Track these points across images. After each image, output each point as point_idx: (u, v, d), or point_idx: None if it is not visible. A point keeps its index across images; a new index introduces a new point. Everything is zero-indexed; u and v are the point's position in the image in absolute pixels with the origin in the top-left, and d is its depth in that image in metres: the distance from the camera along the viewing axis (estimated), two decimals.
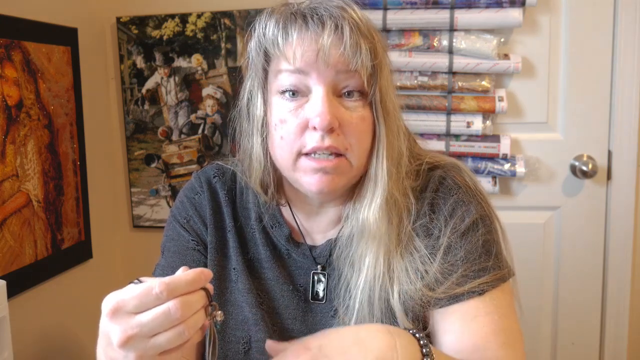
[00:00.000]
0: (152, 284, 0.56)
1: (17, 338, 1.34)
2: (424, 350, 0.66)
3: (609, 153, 1.70)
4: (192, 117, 1.84)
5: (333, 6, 0.75)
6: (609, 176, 1.71)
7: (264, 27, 0.78)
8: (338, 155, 0.76)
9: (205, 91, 1.82)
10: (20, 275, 1.43)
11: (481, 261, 0.80)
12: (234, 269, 0.87)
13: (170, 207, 1.88)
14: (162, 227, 1.91)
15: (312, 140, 0.75)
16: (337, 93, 0.76)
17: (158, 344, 0.56)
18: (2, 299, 1.18)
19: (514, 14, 1.60)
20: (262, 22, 0.79)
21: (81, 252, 1.69)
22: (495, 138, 1.68)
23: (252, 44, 0.80)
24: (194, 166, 1.85)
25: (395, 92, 0.82)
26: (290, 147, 0.76)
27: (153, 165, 1.88)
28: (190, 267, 0.89)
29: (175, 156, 1.86)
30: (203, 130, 1.83)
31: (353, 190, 0.83)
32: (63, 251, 1.60)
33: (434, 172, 0.85)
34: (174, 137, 1.86)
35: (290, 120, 0.76)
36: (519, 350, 0.78)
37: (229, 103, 1.81)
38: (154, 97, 1.85)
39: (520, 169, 1.67)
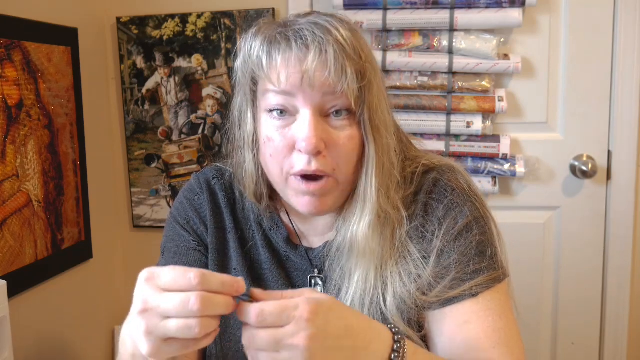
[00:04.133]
0: (191, 269, 0.57)
1: (17, 338, 1.34)
2: (395, 346, 0.67)
3: (609, 153, 1.70)
4: (192, 117, 1.84)
5: (318, 28, 0.74)
6: (608, 176, 1.71)
7: (249, 47, 0.77)
8: (326, 176, 0.76)
9: (206, 91, 1.82)
10: (21, 275, 1.43)
11: (474, 263, 0.80)
12: (235, 269, 0.88)
13: (170, 207, 1.88)
14: (162, 227, 1.90)
15: (300, 162, 0.75)
16: (325, 113, 0.76)
17: (167, 327, 0.57)
18: (2, 299, 1.18)
19: (513, 14, 1.60)
20: (247, 42, 0.78)
21: (81, 252, 1.69)
22: (495, 138, 1.68)
23: (239, 63, 0.80)
24: (194, 166, 1.85)
25: (388, 106, 0.81)
26: (280, 166, 0.77)
27: (153, 165, 1.88)
28: (191, 267, 0.89)
29: (176, 156, 1.86)
30: (203, 130, 1.83)
31: (345, 201, 0.83)
32: (63, 251, 1.60)
33: (428, 174, 0.85)
34: (174, 137, 1.86)
35: (277, 138, 0.76)
36: (515, 350, 0.78)
37: (229, 103, 1.81)
38: (154, 97, 1.85)
39: (520, 169, 1.67)
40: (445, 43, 1.64)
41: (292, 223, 0.89)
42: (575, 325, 1.77)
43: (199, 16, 1.79)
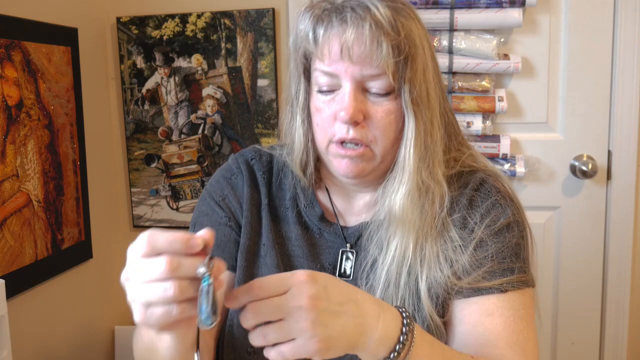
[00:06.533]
0: (146, 232, 0.58)
1: (17, 338, 1.34)
2: (404, 329, 0.68)
3: (609, 153, 1.70)
4: (192, 117, 1.84)
5: (359, 6, 0.79)
6: (609, 176, 1.71)
7: (299, 26, 0.84)
8: (364, 145, 0.81)
9: (205, 91, 1.82)
10: (21, 275, 1.43)
11: (509, 262, 0.82)
12: (264, 244, 0.90)
13: (170, 207, 1.88)
14: (162, 227, 1.91)
15: (340, 131, 0.81)
16: (365, 88, 0.81)
17: (146, 292, 0.57)
18: (1, 298, 1.18)
19: (513, 14, 1.60)
20: (298, 19, 0.85)
21: (81, 252, 1.69)
22: (495, 138, 1.68)
23: (292, 39, 0.87)
24: (194, 166, 1.85)
25: (438, 86, 0.86)
26: (324, 134, 0.84)
27: (153, 165, 1.88)
28: (221, 241, 0.92)
29: (175, 156, 1.86)
30: (203, 130, 1.83)
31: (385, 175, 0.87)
32: (63, 251, 1.60)
33: (475, 174, 0.89)
34: (174, 137, 1.86)
35: (324, 110, 0.83)
36: (529, 355, 0.79)
37: (229, 103, 1.81)
38: (154, 97, 1.85)
39: (520, 169, 1.67)
40: (445, 43, 1.64)
41: (330, 201, 0.92)
42: (575, 325, 1.77)
43: (199, 16, 1.79)
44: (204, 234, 0.58)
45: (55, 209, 1.56)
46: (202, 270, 0.58)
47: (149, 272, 0.57)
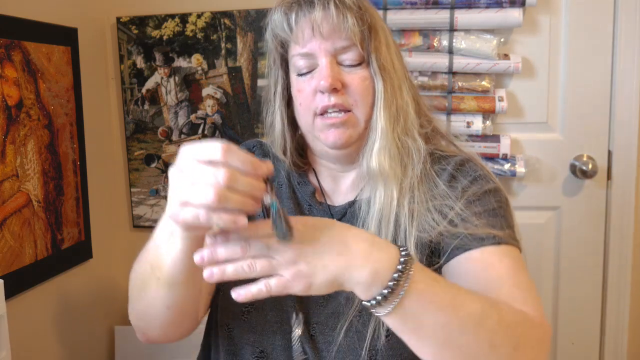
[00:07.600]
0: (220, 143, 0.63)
1: (16, 338, 1.34)
2: (400, 267, 0.69)
3: (609, 153, 1.70)
4: (192, 117, 1.84)
5: None
6: (609, 176, 1.71)
7: (272, 17, 0.93)
8: (346, 111, 0.89)
9: (205, 91, 1.82)
10: (20, 275, 1.43)
11: (497, 220, 0.86)
12: (258, 215, 0.95)
13: None
14: None
15: (322, 100, 0.89)
16: (339, 61, 0.90)
17: (190, 191, 0.63)
18: (0, 298, 1.17)
19: (514, 14, 1.60)
20: (271, 13, 0.93)
21: (81, 252, 1.69)
22: (495, 138, 1.68)
23: (267, 33, 0.95)
24: None
25: (398, 56, 0.95)
26: (308, 110, 0.91)
27: (153, 165, 1.88)
28: None
29: (175, 156, 1.86)
30: (203, 130, 1.83)
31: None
32: (63, 251, 1.60)
33: (454, 157, 0.94)
34: (174, 137, 1.86)
35: (305, 89, 0.91)
36: (534, 295, 0.81)
37: (229, 103, 1.81)
38: (154, 97, 1.85)
39: (520, 169, 1.67)
40: (445, 43, 1.64)
41: (319, 184, 1.00)
42: (575, 325, 1.77)
43: (199, 16, 1.79)
44: (268, 163, 0.65)
45: (55, 209, 1.56)
46: (268, 199, 0.65)
47: (202, 176, 0.62)
